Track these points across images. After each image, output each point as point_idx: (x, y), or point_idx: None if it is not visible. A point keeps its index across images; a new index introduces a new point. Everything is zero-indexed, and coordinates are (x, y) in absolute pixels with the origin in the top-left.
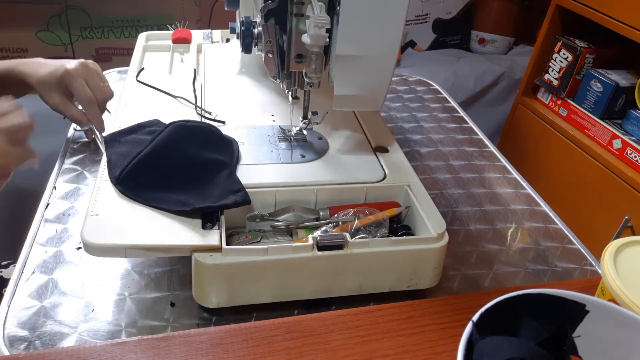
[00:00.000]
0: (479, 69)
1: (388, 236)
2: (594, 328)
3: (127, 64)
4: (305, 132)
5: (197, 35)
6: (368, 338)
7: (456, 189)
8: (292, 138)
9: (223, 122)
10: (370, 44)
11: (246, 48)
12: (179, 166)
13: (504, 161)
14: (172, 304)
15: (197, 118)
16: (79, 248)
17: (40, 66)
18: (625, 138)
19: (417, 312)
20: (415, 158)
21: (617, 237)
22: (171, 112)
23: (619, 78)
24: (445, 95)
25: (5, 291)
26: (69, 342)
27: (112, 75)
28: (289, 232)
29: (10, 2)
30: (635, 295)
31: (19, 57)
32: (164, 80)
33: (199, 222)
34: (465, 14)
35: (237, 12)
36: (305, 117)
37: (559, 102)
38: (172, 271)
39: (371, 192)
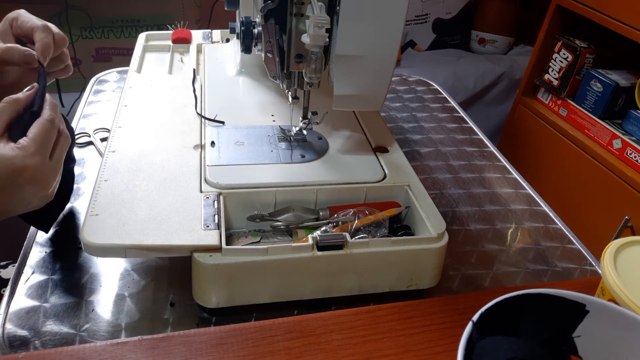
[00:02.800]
0: (479, 69)
1: (388, 236)
2: (594, 328)
3: (127, 64)
4: (305, 132)
5: (197, 35)
6: (368, 338)
7: (456, 189)
8: (292, 138)
9: (223, 122)
10: (370, 44)
11: (246, 48)
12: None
13: (504, 161)
14: (172, 304)
15: (197, 118)
16: (79, 248)
17: None
18: (625, 138)
19: (417, 312)
20: (415, 158)
21: (617, 237)
22: (171, 113)
23: (619, 78)
24: (445, 95)
25: (4, 291)
26: (68, 342)
27: (112, 75)
28: (289, 232)
29: (11, 2)
30: (635, 295)
31: None
32: (164, 80)
33: (199, 222)
34: (465, 14)
35: (237, 12)
36: (305, 117)
37: (559, 102)
38: (172, 271)
39: (371, 192)
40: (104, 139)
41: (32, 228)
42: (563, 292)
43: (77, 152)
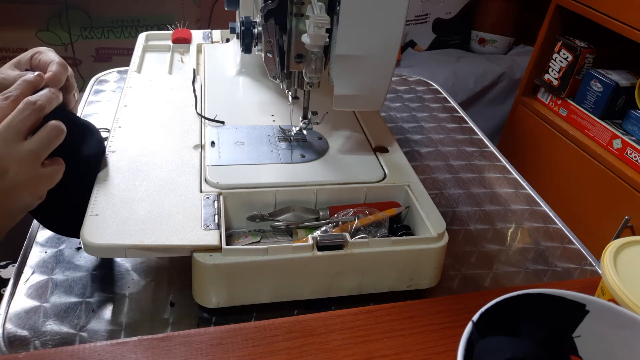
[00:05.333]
0: (479, 69)
1: (388, 236)
2: (594, 328)
3: (127, 64)
4: (305, 132)
5: (197, 35)
6: (368, 338)
7: (456, 189)
8: (292, 138)
9: (223, 122)
10: (370, 44)
11: (246, 48)
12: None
13: (504, 161)
14: (172, 304)
15: (197, 118)
16: (79, 248)
17: None
18: (625, 138)
19: (417, 312)
20: (415, 158)
21: (617, 237)
22: (171, 112)
23: (619, 78)
24: (445, 95)
25: (4, 291)
26: (68, 342)
27: (112, 75)
28: (289, 232)
29: (10, 2)
30: (635, 295)
31: None
32: (164, 80)
33: (199, 222)
34: (465, 14)
35: (237, 12)
36: (305, 117)
37: (559, 102)
38: (172, 271)
39: (371, 192)
40: (104, 139)
41: (32, 228)
42: (563, 292)
43: None
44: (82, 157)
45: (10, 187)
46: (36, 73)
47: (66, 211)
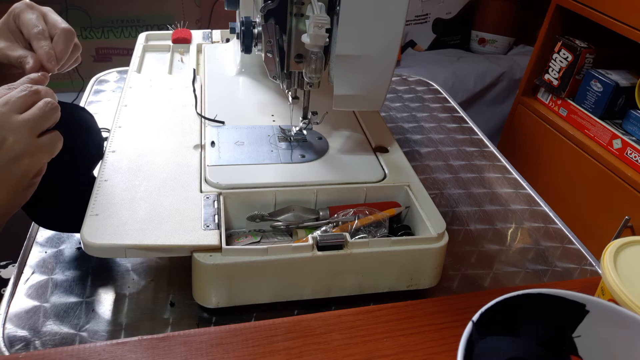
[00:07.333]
0: (479, 69)
1: (388, 236)
2: (594, 328)
3: (127, 64)
4: (305, 132)
5: (197, 35)
6: (368, 338)
7: (456, 189)
8: (292, 138)
9: (223, 122)
10: (370, 44)
11: (246, 48)
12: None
13: (504, 161)
14: (172, 304)
15: (197, 118)
16: (78, 248)
17: None
18: (625, 138)
19: (417, 312)
20: (415, 158)
21: (617, 237)
22: (171, 113)
23: (619, 78)
24: (445, 95)
25: (4, 291)
26: (68, 342)
27: (112, 75)
28: (289, 232)
29: (11, 2)
30: (635, 295)
31: None
32: (164, 80)
33: (199, 222)
34: (465, 14)
35: (237, 12)
36: (305, 117)
37: (559, 102)
38: (172, 271)
39: (371, 192)
40: (104, 139)
41: (31, 228)
42: (563, 292)
43: None
44: (79, 154)
45: (10, 157)
46: (40, 73)
47: (63, 208)
